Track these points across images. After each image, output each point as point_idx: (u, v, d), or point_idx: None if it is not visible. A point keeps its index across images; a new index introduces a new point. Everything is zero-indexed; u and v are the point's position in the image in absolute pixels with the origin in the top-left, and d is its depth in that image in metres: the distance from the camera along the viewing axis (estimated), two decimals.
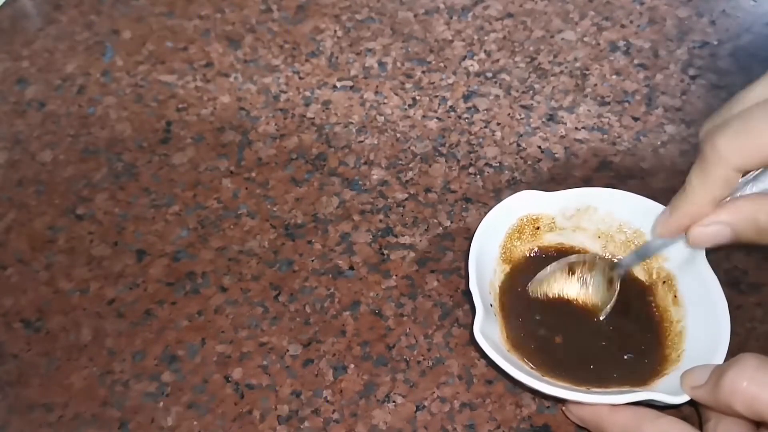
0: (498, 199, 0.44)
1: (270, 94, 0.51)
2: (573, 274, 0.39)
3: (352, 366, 0.39)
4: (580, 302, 0.38)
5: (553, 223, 0.41)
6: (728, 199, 0.32)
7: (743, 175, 0.31)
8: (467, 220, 0.44)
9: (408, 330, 0.40)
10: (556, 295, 0.39)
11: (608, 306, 0.38)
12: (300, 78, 0.52)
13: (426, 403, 0.37)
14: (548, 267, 0.39)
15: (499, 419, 0.36)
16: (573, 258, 0.39)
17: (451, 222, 0.44)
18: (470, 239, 0.43)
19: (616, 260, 0.40)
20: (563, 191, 0.40)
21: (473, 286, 0.36)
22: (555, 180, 0.45)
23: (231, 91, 0.52)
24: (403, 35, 0.54)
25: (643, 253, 0.38)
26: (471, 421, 0.36)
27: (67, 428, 0.37)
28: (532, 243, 0.41)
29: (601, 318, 0.38)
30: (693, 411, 0.35)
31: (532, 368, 0.35)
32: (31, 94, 0.53)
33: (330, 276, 0.42)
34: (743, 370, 0.29)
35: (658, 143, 0.47)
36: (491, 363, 0.35)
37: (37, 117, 0.51)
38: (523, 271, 0.40)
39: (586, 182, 0.45)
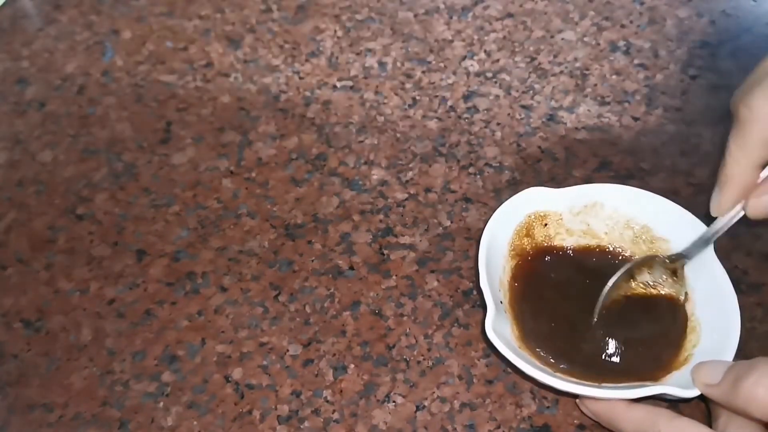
0: (498, 199, 0.45)
1: (270, 94, 0.51)
2: (633, 279, 0.38)
3: (352, 366, 0.39)
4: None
5: (561, 219, 0.41)
6: None
7: None
8: (467, 220, 0.44)
9: (408, 330, 0.40)
10: (624, 298, 0.38)
11: (683, 293, 0.37)
12: (300, 78, 0.52)
13: (426, 403, 0.37)
14: (609, 282, 0.37)
15: (499, 419, 0.36)
16: (629, 265, 0.38)
17: (451, 222, 0.44)
18: (470, 239, 0.43)
19: (676, 253, 0.38)
20: (570, 188, 0.40)
21: (484, 284, 0.36)
22: (555, 180, 0.45)
23: (231, 91, 0.52)
24: (403, 35, 0.54)
25: (704, 239, 0.37)
26: (471, 421, 0.36)
27: (67, 428, 0.37)
28: (541, 242, 0.41)
29: (681, 299, 0.37)
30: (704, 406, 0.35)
31: (543, 365, 0.35)
32: (31, 94, 0.53)
33: (330, 276, 0.42)
34: (762, 378, 0.28)
35: (658, 143, 0.47)
36: (504, 360, 0.34)
37: (37, 117, 0.51)
38: (532, 267, 0.40)
39: (586, 182, 0.45)
